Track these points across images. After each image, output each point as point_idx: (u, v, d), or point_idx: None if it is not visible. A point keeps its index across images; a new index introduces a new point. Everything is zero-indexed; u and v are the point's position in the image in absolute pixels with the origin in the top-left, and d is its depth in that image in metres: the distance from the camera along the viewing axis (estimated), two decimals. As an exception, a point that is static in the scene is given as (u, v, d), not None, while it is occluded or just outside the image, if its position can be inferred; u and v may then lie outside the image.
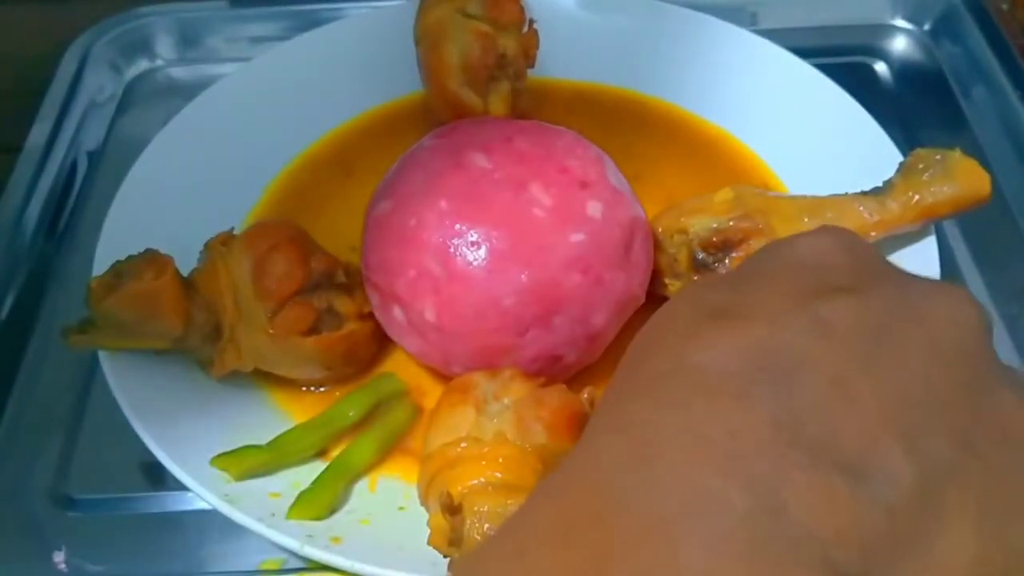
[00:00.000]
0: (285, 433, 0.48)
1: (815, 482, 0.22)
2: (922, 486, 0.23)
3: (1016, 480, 0.25)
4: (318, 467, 0.47)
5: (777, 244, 0.29)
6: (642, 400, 0.25)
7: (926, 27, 0.74)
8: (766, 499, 0.22)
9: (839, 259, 0.27)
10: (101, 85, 0.70)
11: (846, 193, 0.52)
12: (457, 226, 0.47)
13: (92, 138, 0.67)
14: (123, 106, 0.70)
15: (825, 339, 0.24)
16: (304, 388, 0.51)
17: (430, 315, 0.47)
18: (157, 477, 0.50)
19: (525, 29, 0.58)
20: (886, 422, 0.23)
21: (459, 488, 0.40)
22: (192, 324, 0.47)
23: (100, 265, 0.50)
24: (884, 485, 0.23)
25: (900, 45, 0.73)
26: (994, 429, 0.25)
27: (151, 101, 0.70)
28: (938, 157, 0.52)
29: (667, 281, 0.52)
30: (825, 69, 0.62)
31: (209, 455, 0.46)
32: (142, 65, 0.72)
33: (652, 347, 0.27)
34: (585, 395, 0.43)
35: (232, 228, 0.50)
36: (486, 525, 0.39)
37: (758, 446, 0.23)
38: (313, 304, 0.48)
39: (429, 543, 0.41)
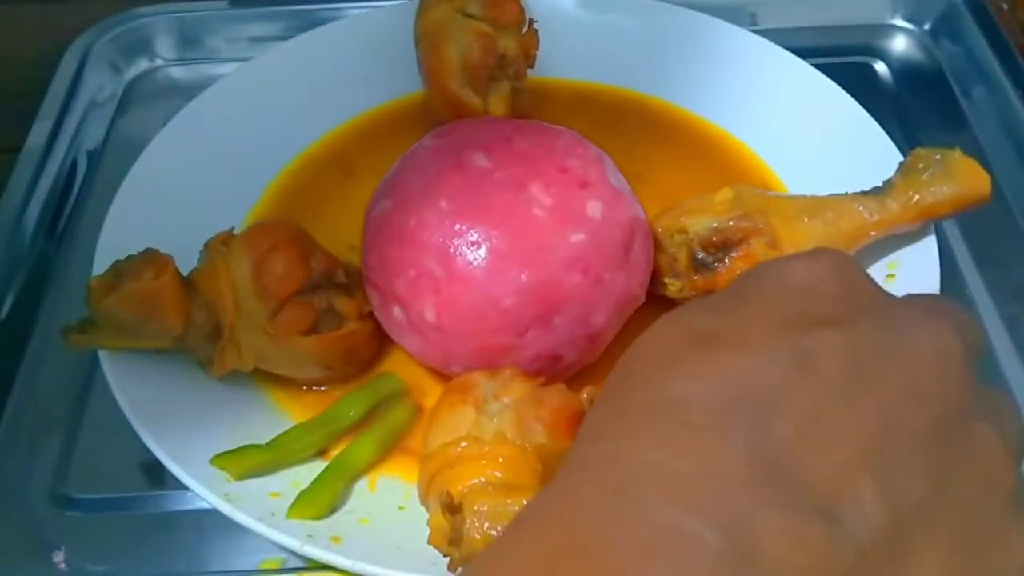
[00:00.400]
0: (285, 433, 0.48)
1: (788, 523, 0.23)
2: (894, 527, 0.23)
3: (989, 517, 0.25)
4: (318, 467, 0.47)
5: (771, 265, 0.29)
6: (624, 433, 0.25)
7: (926, 27, 0.74)
8: (740, 540, 0.22)
9: (830, 287, 0.27)
10: (101, 85, 0.70)
11: (846, 193, 0.52)
12: (457, 226, 0.47)
13: (92, 138, 0.67)
14: (123, 106, 0.70)
15: (807, 374, 0.25)
16: (304, 388, 0.51)
17: (430, 315, 0.47)
18: (157, 477, 0.50)
19: (525, 29, 0.58)
20: (861, 461, 0.24)
21: (459, 487, 0.40)
22: (192, 324, 0.47)
23: (100, 265, 0.50)
24: (856, 526, 0.23)
25: (900, 45, 0.73)
26: (969, 464, 0.25)
27: (151, 101, 0.70)
28: (938, 157, 0.52)
29: (667, 281, 0.52)
30: (825, 69, 0.62)
31: (209, 455, 0.46)
32: (142, 65, 0.72)
33: (638, 372, 0.27)
34: (585, 395, 0.43)
35: (232, 228, 0.50)
36: (486, 524, 0.39)
37: (735, 485, 0.23)
38: (313, 304, 0.48)
39: (429, 542, 0.41)
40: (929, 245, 0.53)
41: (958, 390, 0.26)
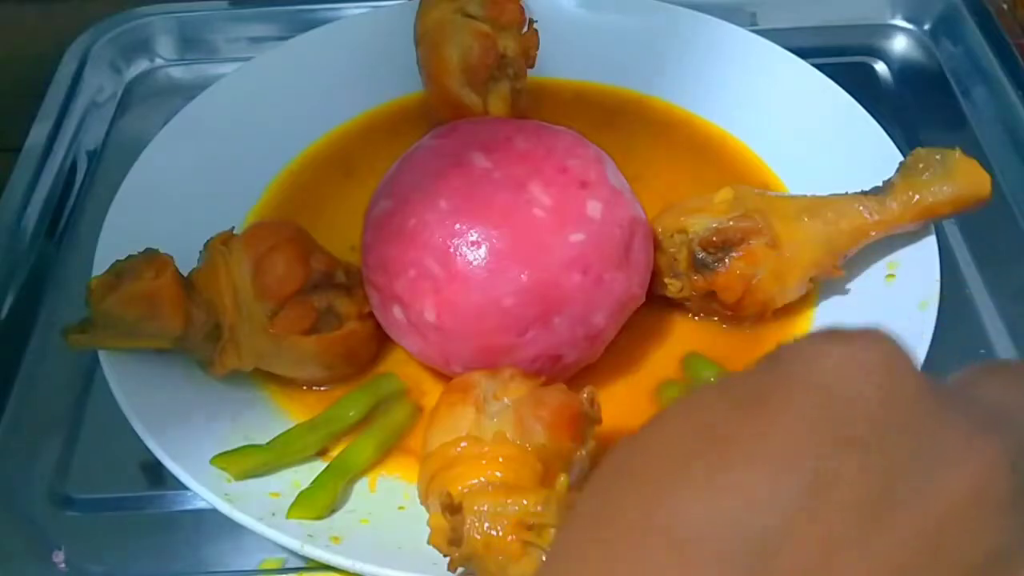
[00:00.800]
0: (285, 433, 0.48)
1: None
2: None
3: None
4: (318, 467, 0.47)
5: (805, 352, 0.25)
6: (605, 558, 0.22)
7: (926, 27, 0.74)
8: None
9: (866, 395, 0.24)
10: (101, 85, 0.70)
11: (846, 193, 0.52)
12: (457, 226, 0.47)
13: (92, 138, 0.67)
14: (123, 106, 0.70)
15: (820, 508, 0.22)
16: (304, 388, 0.51)
17: (430, 315, 0.47)
18: (157, 477, 0.50)
19: (525, 29, 0.58)
20: None
21: (459, 487, 0.40)
22: (192, 324, 0.47)
23: (100, 265, 0.50)
24: None
25: (900, 45, 0.73)
26: None
27: (151, 101, 0.70)
28: (938, 157, 0.52)
29: (667, 281, 0.52)
30: (825, 69, 0.62)
31: (209, 455, 0.46)
32: (142, 65, 0.72)
33: (639, 473, 0.24)
34: (585, 395, 0.43)
35: (232, 228, 0.50)
36: (486, 524, 0.39)
37: None
38: (313, 304, 0.48)
39: (429, 542, 0.41)
40: (929, 245, 0.53)
41: (995, 531, 0.23)
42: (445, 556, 0.40)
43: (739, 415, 0.24)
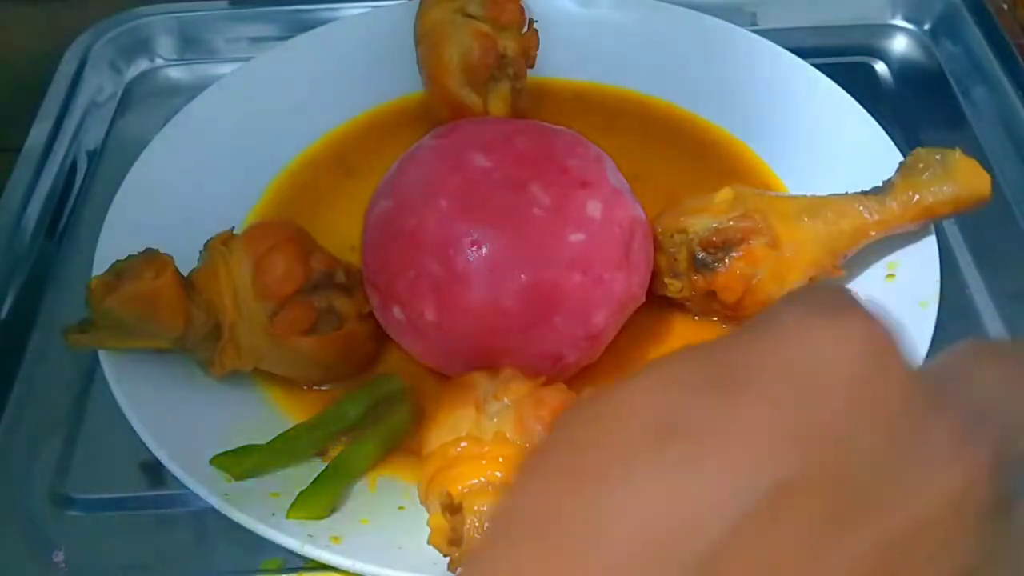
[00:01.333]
0: (285, 433, 0.48)
1: None
2: None
3: None
4: (318, 467, 0.47)
5: (788, 329, 0.22)
6: (539, 548, 0.21)
7: (926, 27, 0.74)
8: None
9: (847, 385, 0.22)
10: (101, 85, 0.70)
11: (846, 193, 0.52)
12: (457, 226, 0.47)
13: (92, 138, 0.67)
14: (123, 106, 0.70)
15: (778, 514, 0.20)
16: (304, 388, 0.51)
17: (430, 315, 0.47)
18: (157, 477, 0.50)
19: (525, 29, 0.58)
20: None
21: (459, 487, 0.40)
22: (192, 324, 0.47)
23: (100, 265, 0.50)
24: None
25: (900, 45, 0.73)
26: None
27: (151, 101, 0.70)
28: (938, 157, 0.52)
29: (667, 281, 0.52)
30: (825, 69, 0.62)
31: (209, 455, 0.46)
32: (142, 65, 0.72)
33: (591, 447, 0.22)
34: (585, 395, 0.43)
35: (232, 228, 0.50)
36: (486, 524, 0.39)
37: None
38: (313, 304, 0.48)
39: (429, 542, 0.41)
40: (929, 245, 0.53)
41: (969, 545, 0.21)
42: (445, 556, 0.40)
43: (701, 401, 0.22)
